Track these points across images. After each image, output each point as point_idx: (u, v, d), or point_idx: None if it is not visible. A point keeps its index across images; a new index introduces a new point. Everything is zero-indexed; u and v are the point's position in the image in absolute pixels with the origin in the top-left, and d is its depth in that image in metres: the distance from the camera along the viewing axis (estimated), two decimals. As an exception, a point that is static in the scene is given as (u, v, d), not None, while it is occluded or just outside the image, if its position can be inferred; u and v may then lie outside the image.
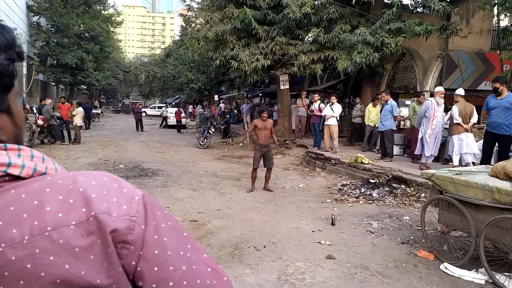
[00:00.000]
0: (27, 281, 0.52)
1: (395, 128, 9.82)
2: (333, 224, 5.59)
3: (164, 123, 25.27)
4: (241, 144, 15.88)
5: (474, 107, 8.08)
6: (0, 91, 0.60)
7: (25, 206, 0.54)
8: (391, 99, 9.87)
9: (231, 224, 5.63)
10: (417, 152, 8.61)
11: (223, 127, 18.75)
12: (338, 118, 10.87)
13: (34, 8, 23.97)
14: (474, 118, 7.93)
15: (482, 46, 12.39)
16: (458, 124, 7.86)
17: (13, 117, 0.64)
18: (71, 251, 0.54)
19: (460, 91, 8.22)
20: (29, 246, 0.53)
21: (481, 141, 7.72)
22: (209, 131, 15.36)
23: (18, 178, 0.58)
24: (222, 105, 25.00)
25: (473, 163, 7.56)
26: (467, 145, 7.80)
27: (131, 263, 0.58)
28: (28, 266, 0.52)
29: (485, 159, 6.94)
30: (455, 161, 7.97)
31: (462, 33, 10.79)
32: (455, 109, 7.93)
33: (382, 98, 10.09)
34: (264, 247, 4.71)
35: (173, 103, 46.11)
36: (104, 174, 0.62)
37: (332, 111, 10.64)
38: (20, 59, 0.64)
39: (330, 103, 10.79)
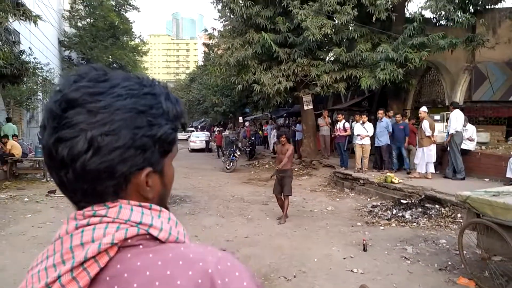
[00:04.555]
0: None
1: (389, 143, 10.49)
2: (365, 250, 5.42)
3: (206, 147, 26.26)
4: (266, 166, 15.84)
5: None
6: (159, 155, 0.67)
7: (159, 274, 0.60)
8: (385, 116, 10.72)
9: (259, 252, 5.55)
10: None
11: (248, 149, 18.81)
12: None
13: (65, 43, 25.25)
14: (437, 131, 9.28)
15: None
16: (428, 136, 9.00)
17: (164, 178, 0.70)
18: None
19: (424, 109, 9.50)
20: None
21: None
22: (235, 154, 15.43)
23: (155, 238, 0.65)
24: (247, 123, 25.31)
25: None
26: (435, 155, 9.13)
27: None
28: None
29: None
30: (419, 169, 9.23)
31: (489, 44, 10.50)
32: (426, 124, 9.06)
33: (378, 115, 10.69)
34: (295, 276, 4.60)
35: (199, 127, 46.87)
36: (228, 258, 0.66)
37: (366, 131, 10.47)
38: (183, 129, 0.73)
39: (361, 122, 10.61)
